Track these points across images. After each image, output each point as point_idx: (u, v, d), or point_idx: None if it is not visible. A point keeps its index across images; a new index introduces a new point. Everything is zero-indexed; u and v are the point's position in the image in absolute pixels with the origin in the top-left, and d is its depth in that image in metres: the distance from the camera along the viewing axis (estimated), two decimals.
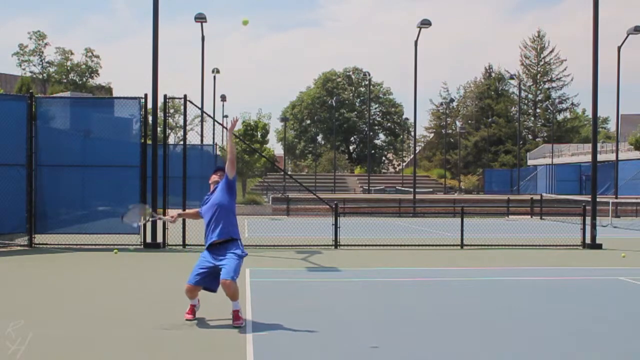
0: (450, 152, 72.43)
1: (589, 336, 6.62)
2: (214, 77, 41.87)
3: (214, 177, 7.17)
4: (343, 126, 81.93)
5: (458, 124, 78.52)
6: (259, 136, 38.52)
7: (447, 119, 73.30)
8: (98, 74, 61.75)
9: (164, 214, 14.37)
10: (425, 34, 33.76)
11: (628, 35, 31.28)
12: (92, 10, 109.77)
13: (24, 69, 59.41)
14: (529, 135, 76.65)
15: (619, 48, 32.23)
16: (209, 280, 6.88)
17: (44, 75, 59.84)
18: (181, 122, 58.54)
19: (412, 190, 36.78)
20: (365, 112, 74.82)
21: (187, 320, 6.91)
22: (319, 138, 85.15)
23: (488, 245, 15.22)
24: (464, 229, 15.22)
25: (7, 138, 13.75)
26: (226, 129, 23.71)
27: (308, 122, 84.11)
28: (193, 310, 7.04)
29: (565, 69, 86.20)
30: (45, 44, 60.09)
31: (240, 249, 6.87)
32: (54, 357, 5.63)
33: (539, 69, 76.84)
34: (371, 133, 73.37)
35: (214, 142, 24.66)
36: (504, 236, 16.89)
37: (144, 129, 14.53)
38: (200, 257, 7.02)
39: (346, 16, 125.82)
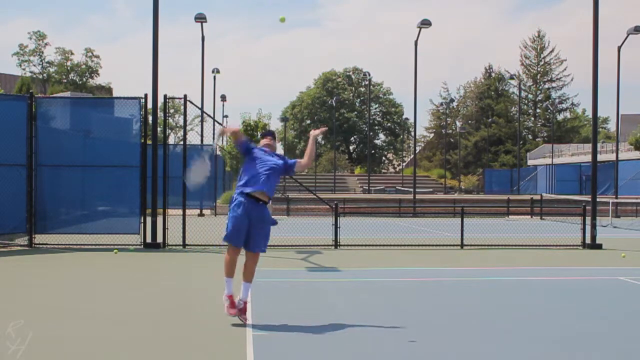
0: (450, 152, 72.44)
1: (589, 336, 6.62)
2: (214, 77, 41.89)
3: (266, 140, 7.29)
4: (343, 126, 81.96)
5: (458, 124, 78.55)
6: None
7: (447, 119, 73.30)
8: (98, 74, 61.82)
9: (164, 215, 14.38)
10: (425, 34, 33.75)
11: (628, 35, 31.27)
12: (92, 10, 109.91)
13: (24, 69, 59.50)
14: (529, 135, 76.67)
15: (619, 48, 32.23)
16: (242, 239, 6.79)
17: (44, 75, 59.86)
18: (181, 122, 58.54)
19: (412, 190, 36.78)
20: (365, 112, 74.82)
21: (231, 315, 6.77)
22: (319, 138, 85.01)
23: (488, 245, 15.21)
24: (464, 229, 15.21)
25: (7, 138, 13.74)
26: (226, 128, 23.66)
27: (308, 122, 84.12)
28: (233, 303, 6.76)
29: (565, 69, 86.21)
30: (45, 44, 60.16)
31: (270, 216, 7.06)
32: (54, 357, 5.63)
33: (539, 69, 76.85)
34: (371, 133, 73.40)
35: (214, 142, 24.64)
36: (504, 236, 16.88)
37: (144, 129, 14.52)
38: (235, 213, 6.73)
39: (346, 16, 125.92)
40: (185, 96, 14.86)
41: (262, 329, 6.57)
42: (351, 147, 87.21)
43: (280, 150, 79.80)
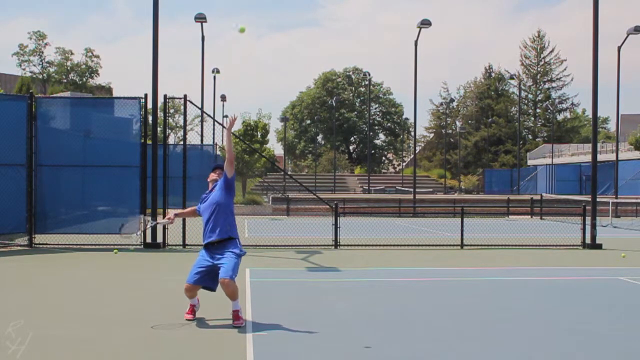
0: (450, 152, 72.44)
1: (589, 336, 6.62)
2: (214, 77, 41.86)
3: (213, 176, 7.18)
4: (343, 126, 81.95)
5: (458, 124, 78.55)
6: (259, 136, 38.49)
7: (447, 119, 73.30)
8: (98, 74, 61.72)
9: (164, 214, 14.39)
10: (425, 34, 33.78)
11: (628, 35, 31.28)
12: (92, 10, 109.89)
13: (24, 69, 59.39)
14: (529, 135, 76.68)
15: (619, 48, 32.24)
16: (207, 279, 6.87)
17: (44, 75, 59.79)
18: (181, 122, 58.50)
19: (412, 190, 36.78)
20: (365, 112, 74.84)
21: (187, 320, 6.91)
22: (319, 138, 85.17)
23: (488, 245, 15.21)
24: (464, 229, 15.21)
25: (7, 138, 13.74)
26: (226, 129, 23.69)
27: (308, 122, 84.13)
28: (193, 310, 7.04)
29: (565, 69, 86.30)
30: (45, 44, 60.06)
31: (238, 248, 6.88)
32: (54, 357, 5.63)
33: (539, 69, 76.86)
34: (371, 133, 73.38)
35: (214, 142, 24.56)
36: (504, 236, 16.88)
37: (144, 129, 14.52)
38: (198, 256, 7.01)
39: (346, 16, 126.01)
40: (185, 96, 14.86)
41: (262, 329, 6.57)
42: (351, 147, 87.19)
43: (280, 150, 79.95)
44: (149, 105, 14.71)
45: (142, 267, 11.62)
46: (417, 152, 58.11)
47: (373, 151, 79.24)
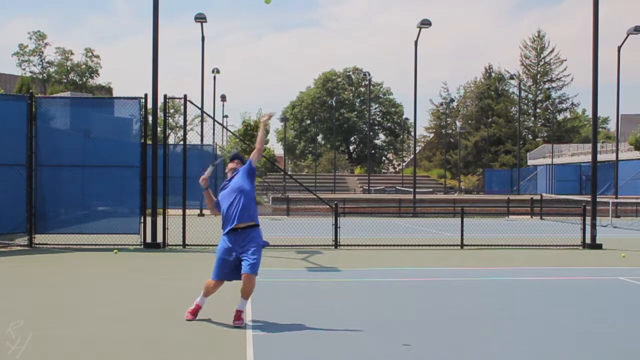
0: (450, 152, 72.46)
1: (589, 336, 6.62)
2: (214, 77, 41.84)
3: (232, 165, 7.12)
4: (343, 126, 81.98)
5: (458, 124, 78.60)
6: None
7: (447, 119, 73.32)
8: (98, 74, 61.74)
9: (164, 215, 14.40)
10: (425, 34, 33.79)
11: (628, 35, 31.26)
12: (92, 10, 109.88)
13: (24, 69, 59.40)
14: (529, 135, 76.71)
15: (619, 48, 32.23)
16: (232, 274, 6.81)
17: (44, 75, 59.79)
18: (181, 122, 58.53)
19: (412, 190, 36.78)
20: (365, 112, 74.87)
21: (187, 320, 6.91)
22: (319, 138, 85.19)
23: (488, 245, 15.21)
24: (464, 229, 15.21)
25: (7, 138, 13.74)
26: (226, 128, 23.70)
27: (308, 122, 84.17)
28: (196, 311, 7.01)
29: (565, 69, 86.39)
30: (45, 44, 60.08)
31: (261, 237, 6.86)
32: (54, 357, 5.63)
33: (539, 69, 76.88)
34: (371, 133, 73.39)
35: (214, 142, 24.61)
36: (504, 236, 16.88)
37: (144, 129, 14.52)
38: (220, 248, 6.83)
39: (346, 16, 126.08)
40: (185, 96, 14.85)
41: (262, 329, 6.57)
42: (351, 147, 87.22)
43: (280, 150, 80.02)
44: (149, 105, 14.71)
45: (142, 267, 11.62)
46: (417, 152, 58.10)
47: (373, 151, 79.28)
